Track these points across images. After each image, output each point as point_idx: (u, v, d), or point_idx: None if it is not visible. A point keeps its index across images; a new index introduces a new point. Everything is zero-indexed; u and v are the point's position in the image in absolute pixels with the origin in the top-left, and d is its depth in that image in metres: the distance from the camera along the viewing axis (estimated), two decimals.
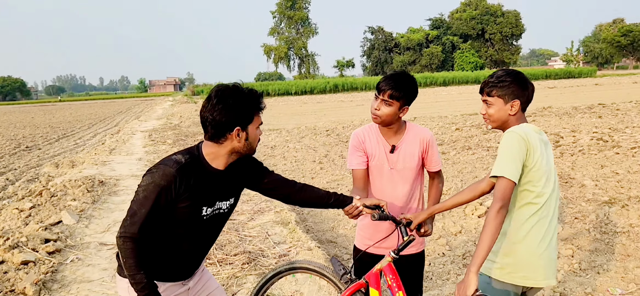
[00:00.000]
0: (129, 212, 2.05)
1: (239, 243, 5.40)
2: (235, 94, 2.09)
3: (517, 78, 2.38)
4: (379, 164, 2.85)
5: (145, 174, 2.08)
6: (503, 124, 2.42)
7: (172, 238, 2.17)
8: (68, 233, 5.87)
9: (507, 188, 2.17)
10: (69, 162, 12.43)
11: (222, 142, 2.13)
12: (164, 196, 2.03)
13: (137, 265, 2.03)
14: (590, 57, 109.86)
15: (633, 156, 9.66)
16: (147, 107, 48.88)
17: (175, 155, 2.12)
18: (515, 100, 2.36)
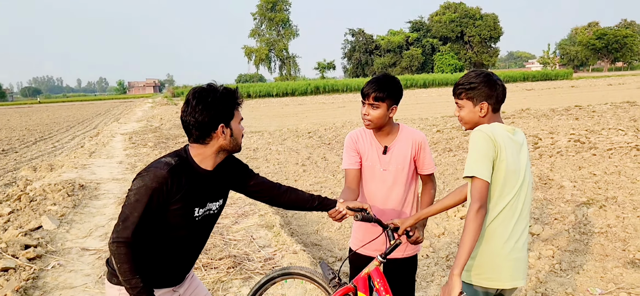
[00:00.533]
0: (121, 217, 2.03)
1: (224, 247, 5.37)
2: (213, 93, 2.11)
3: (485, 80, 2.37)
4: (371, 165, 2.89)
5: (135, 178, 2.07)
6: (475, 126, 2.40)
7: (165, 242, 2.16)
8: (49, 239, 5.77)
9: (482, 187, 2.17)
10: (48, 165, 12.21)
11: (208, 142, 2.14)
12: (156, 198, 2.02)
13: (133, 270, 2.02)
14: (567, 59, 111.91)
15: (609, 157, 9.87)
16: (126, 109, 48.27)
17: (165, 158, 2.12)
18: (484, 102, 2.36)
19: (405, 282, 2.99)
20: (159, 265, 2.20)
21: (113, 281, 2.19)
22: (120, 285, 2.14)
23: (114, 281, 2.18)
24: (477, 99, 2.36)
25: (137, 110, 41.56)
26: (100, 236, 6.08)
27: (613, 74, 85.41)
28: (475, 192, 2.17)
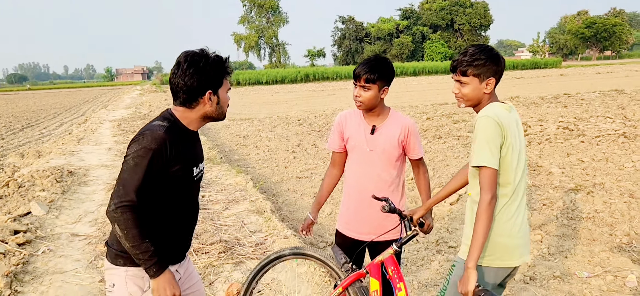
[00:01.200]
0: (121, 182, 1.95)
1: (215, 233, 5.37)
2: (205, 58, 2.08)
3: (490, 55, 2.30)
4: (358, 145, 2.91)
5: (131, 144, 2.00)
6: (477, 102, 2.36)
7: (169, 209, 2.12)
8: (38, 224, 5.72)
9: (492, 177, 2.15)
10: (35, 152, 12.08)
11: (194, 107, 2.12)
12: (157, 160, 1.97)
13: (141, 235, 1.95)
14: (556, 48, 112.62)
15: (597, 144, 9.98)
16: (114, 96, 47.82)
17: (155, 122, 2.07)
18: (491, 78, 2.30)
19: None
20: (165, 237, 2.14)
21: (118, 262, 2.12)
22: (126, 265, 2.09)
23: (120, 263, 2.11)
24: (485, 75, 2.29)
25: (126, 97, 41.20)
26: (89, 222, 6.04)
27: (602, 62, 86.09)
28: (486, 182, 2.15)
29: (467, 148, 10.41)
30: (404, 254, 4.97)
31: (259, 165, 10.11)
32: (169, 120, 2.09)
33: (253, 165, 10.24)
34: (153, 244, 1.99)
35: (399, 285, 2.53)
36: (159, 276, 2.02)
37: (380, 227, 2.93)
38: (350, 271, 2.68)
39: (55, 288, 4.19)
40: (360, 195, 2.95)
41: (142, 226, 1.97)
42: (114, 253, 2.11)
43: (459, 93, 2.37)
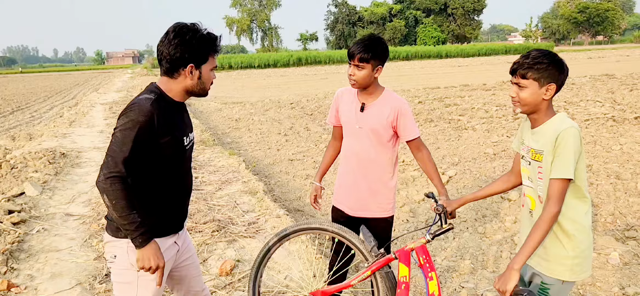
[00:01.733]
0: (109, 154, 2.00)
1: (208, 212, 5.44)
2: (193, 32, 2.11)
3: (554, 61, 2.22)
4: (348, 122, 2.99)
5: (119, 117, 2.04)
6: (535, 109, 2.28)
7: (163, 179, 2.17)
8: (32, 205, 5.76)
9: (565, 190, 2.12)
10: (26, 134, 12.04)
11: (176, 78, 2.15)
12: (145, 132, 2.01)
13: (128, 206, 2.00)
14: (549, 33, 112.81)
15: (586, 128, 10.11)
16: (105, 79, 47.47)
17: (142, 95, 2.10)
18: (552, 84, 2.21)
19: (383, 238, 3.11)
20: (162, 207, 2.20)
21: (119, 235, 2.16)
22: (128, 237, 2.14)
23: (121, 235, 2.15)
24: (545, 80, 2.21)
25: (117, 81, 40.93)
26: (83, 202, 6.08)
27: (593, 47, 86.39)
28: (558, 194, 2.11)
29: (458, 131, 10.51)
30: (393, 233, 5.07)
31: (252, 148, 10.16)
32: (155, 93, 2.13)
33: (245, 147, 10.29)
34: (140, 216, 2.03)
35: (430, 274, 2.54)
36: (144, 247, 2.06)
37: (368, 204, 3.01)
38: (380, 256, 2.68)
39: (51, 265, 4.26)
40: (349, 169, 3.03)
41: (130, 197, 2.02)
42: (115, 226, 2.16)
43: (517, 96, 2.28)
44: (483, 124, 11.01)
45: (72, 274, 4.10)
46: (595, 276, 4.02)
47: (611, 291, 3.78)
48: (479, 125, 10.93)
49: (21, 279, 4.00)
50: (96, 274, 4.08)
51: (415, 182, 6.84)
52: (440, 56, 69.90)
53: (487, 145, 8.96)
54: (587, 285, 3.89)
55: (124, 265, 2.16)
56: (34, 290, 3.83)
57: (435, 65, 49.30)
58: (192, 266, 2.51)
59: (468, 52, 71.78)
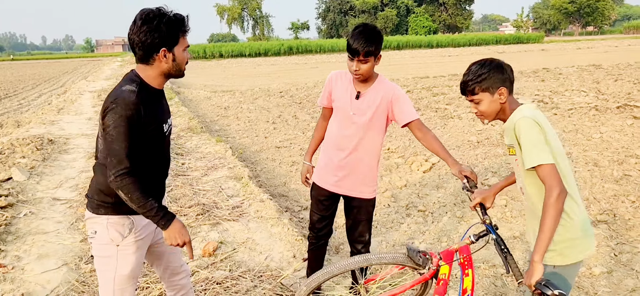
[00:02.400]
0: (112, 153, 2.10)
1: (193, 197, 5.54)
2: (160, 16, 2.17)
3: (493, 67, 2.33)
4: (342, 107, 3.06)
5: (107, 113, 2.11)
6: (499, 115, 2.37)
7: (144, 163, 2.25)
8: (19, 189, 5.83)
9: (552, 171, 2.13)
10: (14, 121, 12.06)
11: (152, 64, 2.23)
12: (133, 124, 2.11)
13: (144, 195, 2.14)
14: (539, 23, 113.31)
15: (569, 117, 10.28)
16: (94, 67, 47.14)
17: (124, 86, 2.18)
18: (501, 88, 2.31)
19: (365, 220, 3.24)
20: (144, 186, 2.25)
21: (100, 211, 2.27)
22: (108, 214, 2.25)
23: (101, 212, 2.26)
24: (494, 87, 2.31)
25: (106, 69, 40.68)
26: (70, 187, 6.16)
27: (583, 38, 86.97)
28: (549, 178, 2.13)
29: (444, 119, 10.66)
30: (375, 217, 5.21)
31: (239, 135, 10.25)
32: (136, 82, 2.20)
33: (233, 135, 10.38)
34: (156, 200, 2.17)
35: (467, 271, 2.59)
36: (170, 226, 2.21)
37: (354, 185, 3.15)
38: (430, 261, 2.63)
39: (38, 246, 4.35)
40: (338, 153, 3.13)
41: (142, 187, 2.15)
42: (96, 203, 2.27)
43: (477, 112, 2.39)
44: (469, 113, 11.16)
45: (59, 255, 4.20)
46: None
47: (579, 272, 3.94)
48: (464, 114, 11.08)
49: (8, 260, 4.09)
50: (82, 255, 4.18)
51: (399, 169, 6.98)
52: (431, 46, 70.04)
53: (471, 134, 9.11)
54: None
55: (104, 240, 2.27)
56: (20, 270, 3.93)
57: (426, 54, 49.45)
58: None
59: (459, 42, 72.00)
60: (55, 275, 3.85)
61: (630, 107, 10.66)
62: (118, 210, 2.26)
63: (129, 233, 2.29)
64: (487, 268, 4.05)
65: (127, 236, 2.29)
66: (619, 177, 6.19)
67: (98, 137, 2.25)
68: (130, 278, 2.34)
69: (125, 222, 2.28)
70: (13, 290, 3.59)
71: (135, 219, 2.31)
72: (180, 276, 2.72)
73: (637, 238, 4.55)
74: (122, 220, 2.28)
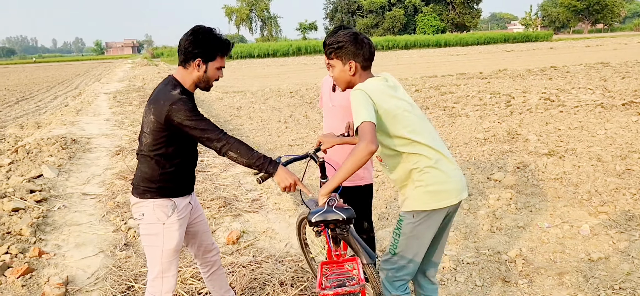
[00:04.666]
0: (204, 134, 2.46)
1: (214, 191, 5.88)
2: (206, 33, 2.56)
3: (351, 39, 2.45)
4: (325, 101, 3.43)
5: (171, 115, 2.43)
6: (348, 85, 2.53)
7: (182, 153, 2.62)
8: (51, 185, 6.20)
9: (367, 127, 2.20)
10: (34, 123, 12.48)
11: (187, 68, 2.59)
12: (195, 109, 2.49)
13: (249, 148, 2.52)
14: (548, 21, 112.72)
15: (575, 114, 10.50)
16: (106, 69, 47.78)
17: (172, 91, 2.51)
18: (351, 61, 2.46)
19: (363, 207, 3.49)
20: (181, 174, 2.66)
21: (146, 196, 2.59)
22: (154, 198, 2.58)
23: (147, 196, 2.59)
24: (346, 58, 2.47)
25: (118, 71, 41.28)
26: (97, 183, 6.52)
27: (593, 36, 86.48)
28: (361, 133, 2.21)
29: (452, 118, 10.93)
30: (388, 210, 5.48)
31: (253, 134, 10.58)
32: (178, 86, 2.57)
33: (247, 134, 10.71)
34: (260, 153, 2.55)
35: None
36: (277, 171, 2.57)
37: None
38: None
39: (75, 236, 4.72)
40: None
41: (243, 142, 2.54)
42: (142, 189, 2.61)
43: (332, 75, 2.59)
44: (476, 111, 11.41)
45: (95, 243, 4.56)
46: (566, 245, 4.46)
47: (578, 257, 4.22)
48: (472, 112, 11.33)
49: (50, 247, 4.46)
50: (116, 244, 4.53)
51: None
52: (439, 45, 70.11)
53: (478, 131, 9.37)
54: (557, 252, 4.33)
55: (152, 220, 2.61)
56: (62, 257, 4.29)
57: (434, 54, 49.57)
58: (202, 222, 2.98)
59: (467, 40, 72.01)
60: (94, 261, 4.20)
61: (636, 104, 10.87)
62: (161, 193, 2.61)
63: (173, 213, 2.62)
64: (492, 255, 4.33)
65: (171, 216, 2.62)
66: (622, 171, 6.43)
67: (142, 133, 2.58)
68: (175, 251, 2.68)
69: (168, 204, 2.62)
70: (58, 273, 3.94)
71: (177, 201, 2.65)
72: (212, 254, 3.08)
73: (636, 227, 4.80)
74: (166, 202, 2.61)
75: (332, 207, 2.33)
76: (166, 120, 2.46)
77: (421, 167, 2.42)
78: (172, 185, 2.63)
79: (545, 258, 4.26)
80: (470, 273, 4.02)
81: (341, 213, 2.30)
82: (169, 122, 2.46)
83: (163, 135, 2.51)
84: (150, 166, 2.57)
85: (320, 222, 2.31)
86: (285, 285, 3.63)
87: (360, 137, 2.22)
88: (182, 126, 2.46)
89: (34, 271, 3.99)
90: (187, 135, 2.53)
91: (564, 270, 4.00)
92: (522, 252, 4.34)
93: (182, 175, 2.69)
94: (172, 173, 2.61)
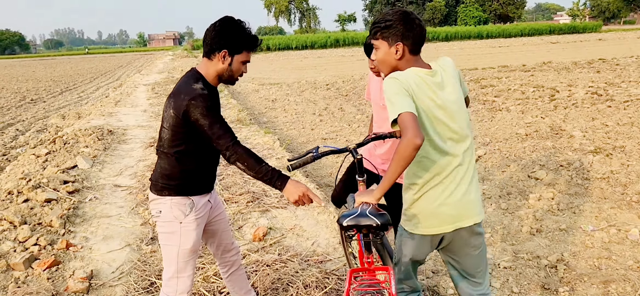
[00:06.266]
0: (217, 133, 2.35)
1: (243, 185, 5.80)
2: (234, 24, 2.45)
3: (401, 18, 2.19)
4: (375, 98, 3.36)
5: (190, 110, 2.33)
6: (393, 70, 2.24)
7: (202, 151, 2.51)
8: (84, 176, 6.27)
9: (407, 118, 1.99)
10: (75, 113, 12.80)
11: (212, 59, 2.47)
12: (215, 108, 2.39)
13: (257, 160, 2.38)
14: (597, 11, 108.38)
15: (624, 109, 9.96)
16: (147, 61, 48.83)
17: (194, 85, 2.41)
18: (399, 43, 2.18)
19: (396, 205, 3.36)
20: (201, 172, 2.56)
21: (164, 193, 2.51)
22: (171, 195, 2.50)
23: (165, 193, 2.50)
24: (393, 39, 2.19)
25: (158, 63, 42.09)
26: (130, 175, 6.56)
27: None
28: (403, 124, 2.00)
29: (492, 112, 10.56)
30: None
31: (286, 127, 10.50)
32: (201, 80, 2.45)
33: (281, 127, 10.65)
34: (269, 166, 2.41)
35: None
36: (285, 186, 2.42)
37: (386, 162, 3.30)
38: None
39: (103, 228, 4.73)
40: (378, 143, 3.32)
41: (254, 154, 2.40)
42: (160, 186, 2.52)
43: (375, 59, 2.38)
44: (518, 105, 10.99)
45: (122, 237, 4.55)
46: (612, 250, 4.16)
47: (626, 264, 3.92)
48: (513, 106, 10.92)
49: (77, 240, 4.47)
50: (143, 237, 4.51)
51: None
52: (481, 36, 68.51)
53: (519, 126, 9.00)
54: (602, 258, 4.04)
55: (169, 218, 2.51)
56: (89, 250, 4.30)
57: (475, 46, 48.44)
58: (222, 221, 2.86)
59: (510, 32, 70.06)
60: (120, 255, 4.18)
61: None
62: (180, 191, 2.51)
63: (190, 211, 2.52)
64: (531, 259, 4.08)
65: (189, 215, 2.52)
66: None
67: (162, 128, 2.48)
68: (192, 251, 2.58)
69: (186, 202, 2.52)
70: (83, 267, 3.94)
71: (195, 199, 2.55)
72: (231, 253, 2.97)
73: None
74: (184, 200, 2.51)
75: (366, 211, 2.14)
76: (184, 115, 2.36)
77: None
78: (191, 183, 2.53)
79: (589, 264, 3.98)
80: (507, 279, 3.79)
81: (375, 218, 2.10)
82: (186, 117, 2.36)
83: (182, 131, 2.40)
84: (170, 163, 2.48)
85: (352, 226, 2.14)
86: (309, 287, 3.50)
87: (402, 132, 2.00)
88: (197, 124, 2.35)
89: (60, 264, 3.99)
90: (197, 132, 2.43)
91: (609, 278, 3.71)
92: (563, 257, 4.08)
93: (202, 173, 2.59)
94: (191, 171, 2.52)
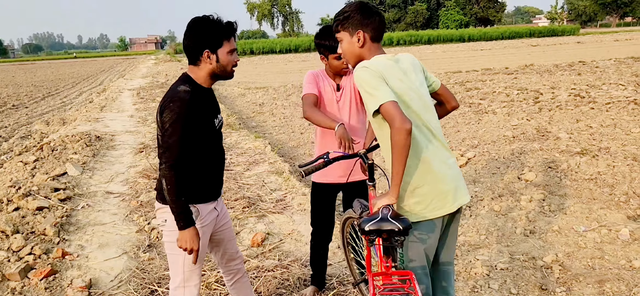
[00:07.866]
0: (166, 147, 2.33)
1: (238, 190, 5.79)
2: (203, 22, 2.41)
3: (358, 8, 2.29)
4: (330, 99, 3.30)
5: (164, 110, 2.33)
6: (358, 59, 2.32)
7: (202, 155, 2.50)
8: (75, 183, 6.20)
9: (392, 107, 2.03)
10: (59, 119, 12.63)
11: (199, 65, 2.45)
12: (187, 121, 2.34)
13: (178, 193, 2.34)
14: (574, 14, 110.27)
15: (607, 111, 10.15)
16: (130, 65, 48.36)
17: (178, 86, 2.41)
18: (359, 31, 2.27)
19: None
20: (203, 178, 2.54)
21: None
22: None
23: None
24: (353, 28, 2.29)
25: (141, 67, 41.71)
26: (121, 181, 6.50)
27: (621, 29, 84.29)
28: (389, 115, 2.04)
29: (478, 115, 10.67)
30: None
31: (276, 131, 10.50)
32: (189, 83, 2.44)
33: (270, 131, 10.63)
34: (185, 202, 2.38)
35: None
36: (186, 230, 2.40)
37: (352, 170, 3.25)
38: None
39: (98, 236, 4.68)
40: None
41: (179, 186, 2.36)
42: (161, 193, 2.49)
43: (340, 52, 2.43)
44: (504, 108, 11.13)
45: (118, 244, 4.51)
46: (605, 250, 4.25)
47: (619, 264, 4.00)
48: (499, 108, 11.06)
49: (73, 248, 4.42)
50: (139, 245, 4.48)
51: None
52: (462, 40, 69.20)
53: (506, 128, 9.11)
54: (596, 258, 4.12)
55: (174, 227, 2.48)
56: (85, 258, 4.25)
57: (457, 49, 48.91)
58: (228, 230, 2.85)
59: (491, 35, 70.90)
60: (117, 263, 4.14)
61: None
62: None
63: (195, 220, 2.50)
64: (527, 260, 4.15)
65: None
66: None
67: (158, 135, 2.47)
68: (198, 260, 2.56)
69: (191, 210, 2.49)
70: (81, 276, 3.89)
71: (200, 207, 2.53)
72: (236, 262, 2.95)
73: None
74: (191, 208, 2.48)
75: (388, 215, 2.19)
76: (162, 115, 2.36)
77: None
78: (195, 190, 2.50)
79: (583, 264, 4.06)
80: (505, 280, 3.85)
81: (397, 222, 2.15)
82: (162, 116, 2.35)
83: None
84: None
85: (374, 231, 2.18)
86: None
87: (389, 122, 2.04)
88: (161, 123, 2.34)
89: (57, 273, 3.94)
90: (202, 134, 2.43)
91: (604, 278, 3.79)
92: (558, 258, 4.15)
93: (206, 179, 2.57)
94: (195, 177, 2.49)
